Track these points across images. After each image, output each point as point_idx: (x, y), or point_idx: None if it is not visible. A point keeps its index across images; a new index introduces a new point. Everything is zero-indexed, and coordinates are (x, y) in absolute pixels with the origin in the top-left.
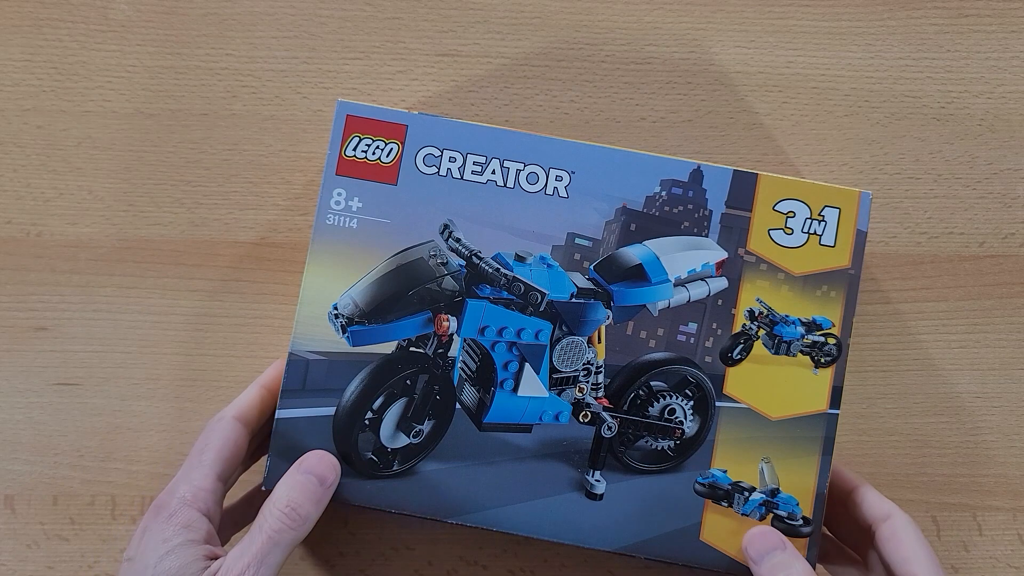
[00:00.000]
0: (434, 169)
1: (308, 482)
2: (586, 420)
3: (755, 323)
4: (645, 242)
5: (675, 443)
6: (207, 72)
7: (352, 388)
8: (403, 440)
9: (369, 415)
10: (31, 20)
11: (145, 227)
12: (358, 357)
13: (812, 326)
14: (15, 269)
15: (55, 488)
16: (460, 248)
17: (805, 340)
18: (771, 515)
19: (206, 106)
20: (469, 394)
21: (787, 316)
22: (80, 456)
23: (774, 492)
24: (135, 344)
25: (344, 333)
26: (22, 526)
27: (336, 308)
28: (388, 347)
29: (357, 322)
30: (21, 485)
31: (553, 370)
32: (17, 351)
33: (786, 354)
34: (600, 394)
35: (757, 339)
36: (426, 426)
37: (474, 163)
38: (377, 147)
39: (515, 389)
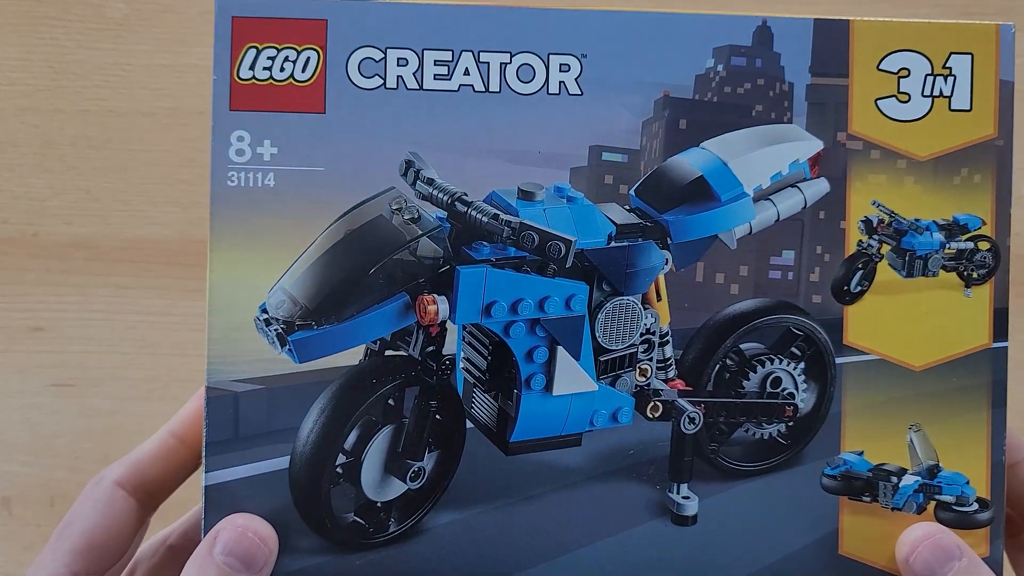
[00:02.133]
0: (376, 80)
1: (225, 571)
2: (656, 415)
3: (875, 237)
4: (703, 144)
5: (787, 425)
6: (204, 71)
7: (309, 425)
8: (397, 487)
9: (342, 459)
10: (28, 18)
11: (142, 227)
12: (311, 377)
13: (954, 229)
14: (11, 269)
15: (52, 490)
16: (434, 193)
17: (948, 251)
18: (933, 504)
19: (203, 104)
20: (483, 405)
21: (917, 220)
22: (77, 458)
23: (933, 471)
24: (133, 345)
25: (284, 346)
26: (18, 528)
27: (265, 310)
28: (353, 355)
29: (300, 326)
30: (17, 487)
31: (599, 350)
32: (13, 352)
33: (923, 274)
34: (672, 374)
35: (880, 260)
36: (428, 461)
37: (436, 62)
38: (286, 59)
39: (549, 387)
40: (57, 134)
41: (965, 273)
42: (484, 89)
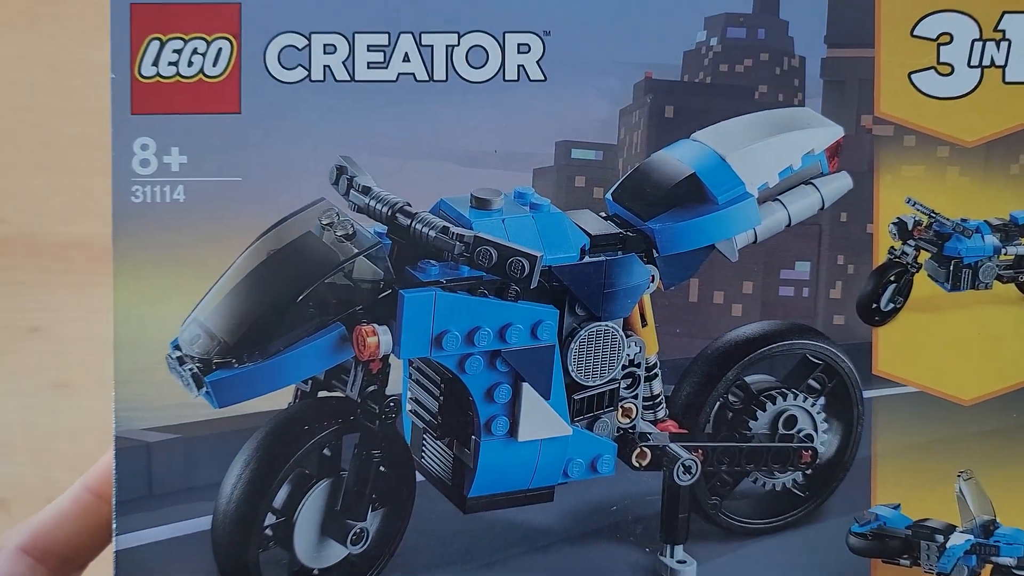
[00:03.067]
0: (300, 72)
1: None
2: (644, 463)
3: (911, 243)
4: (695, 135)
5: (804, 474)
6: None
7: (233, 480)
8: (337, 552)
9: (271, 519)
10: (26, 16)
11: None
12: (233, 424)
13: (1012, 230)
14: (8, 269)
15: (50, 491)
16: (372, 203)
17: (1003, 256)
18: (989, 568)
19: None
20: (435, 454)
21: (964, 221)
22: (75, 459)
23: (988, 527)
24: None
25: (200, 387)
26: None
27: (178, 346)
28: (281, 398)
29: (218, 364)
30: (15, 488)
31: (573, 387)
32: (10, 352)
33: (973, 286)
34: (662, 414)
35: (918, 270)
36: (372, 521)
37: (369, 48)
38: (194, 51)
39: (513, 432)
40: (55, 133)
41: None
42: (428, 78)
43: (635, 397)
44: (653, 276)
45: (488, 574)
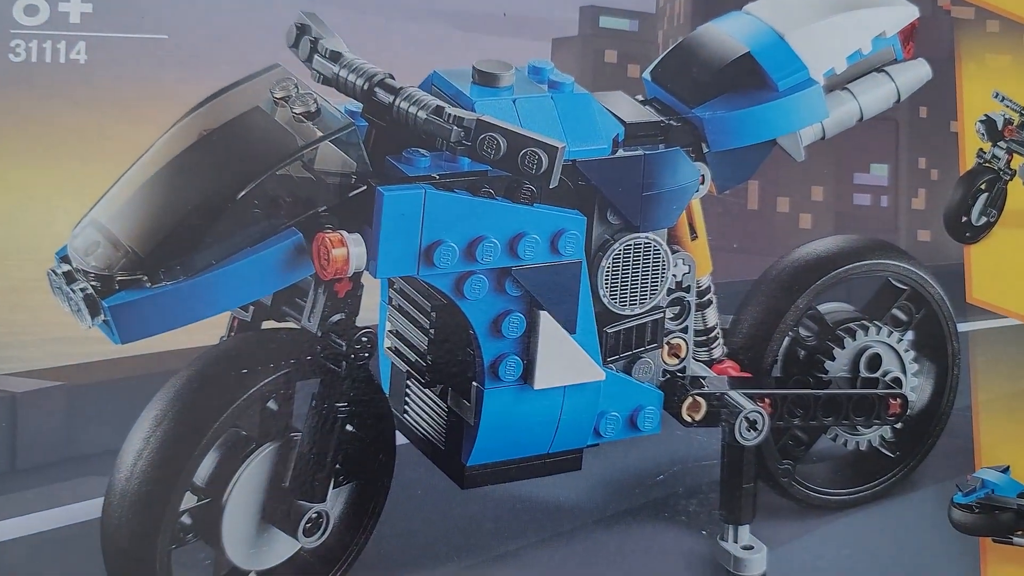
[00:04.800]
0: None
1: None
2: (698, 416)
3: (1002, 144)
4: (748, 7)
5: (893, 428)
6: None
7: (137, 446)
8: (283, 546)
9: (191, 502)
10: None
11: None
12: (140, 368)
13: None
14: None
15: None
16: (343, 74)
17: None
18: None
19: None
20: (423, 408)
21: None
22: None
23: None
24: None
25: (96, 315)
26: None
27: (67, 258)
28: (209, 331)
29: (124, 283)
30: None
31: (606, 317)
32: None
33: None
34: (719, 353)
35: (1012, 177)
36: (335, 502)
37: None
38: None
39: (527, 376)
40: None
41: None
42: None
43: (684, 331)
44: (703, 176)
45: (495, 572)
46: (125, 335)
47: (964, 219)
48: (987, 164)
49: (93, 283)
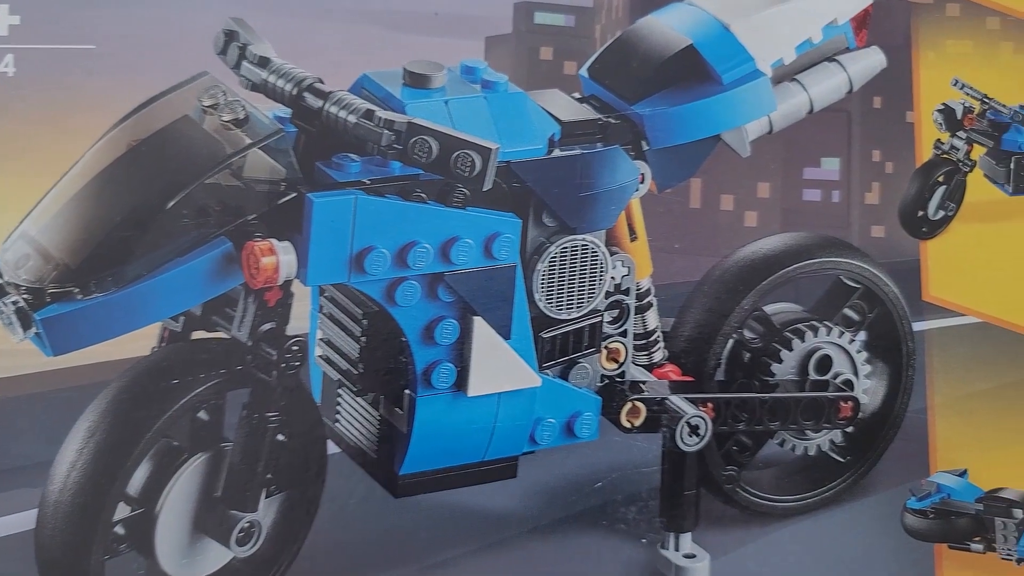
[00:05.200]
0: None
1: None
2: (638, 422)
3: (961, 135)
4: None
5: (844, 432)
6: None
7: (70, 458)
8: (216, 556)
9: (124, 512)
10: None
11: None
12: (72, 379)
13: None
14: None
15: None
16: (271, 79)
17: None
18: None
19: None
20: (355, 417)
21: None
22: None
23: None
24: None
25: (27, 328)
26: None
27: None
28: (141, 342)
29: (55, 295)
30: None
31: (542, 321)
32: None
33: None
34: (660, 357)
35: (972, 169)
36: (265, 512)
37: None
38: None
39: (461, 384)
40: None
41: None
42: None
43: (623, 335)
44: (643, 175)
45: None
46: (57, 347)
47: (920, 213)
48: (945, 155)
49: (24, 296)
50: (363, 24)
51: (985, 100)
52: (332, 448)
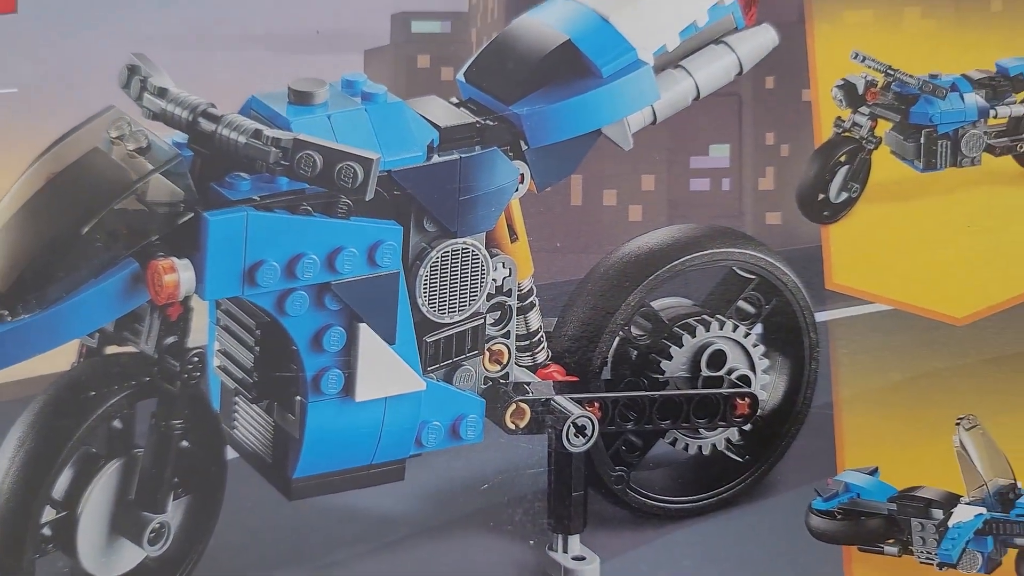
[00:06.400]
0: None
1: None
2: (522, 423)
3: (863, 111)
4: None
5: (741, 430)
6: None
7: (4, 465)
8: (131, 555)
9: (51, 514)
10: None
11: None
12: (6, 393)
13: (1001, 85)
14: None
15: None
16: (169, 107)
17: (993, 120)
18: (1014, 553)
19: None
20: (250, 423)
21: (935, 77)
22: None
23: (1007, 496)
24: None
25: None
26: None
27: None
28: (63, 358)
29: None
30: None
31: (426, 326)
32: None
33: (955, 163)
34: (543, 358)
35: (877, 146)
36: (173, 513)
37: None
38: None
39: (349, 389)
40: None
41: None
42: None
43: (506, 336)
44: (522, 175)
45: None
46: None
47: (821, 196)
48: (847, 133)
49: None
50: (250, 48)
51: (889, 72)
52: (231, 454)
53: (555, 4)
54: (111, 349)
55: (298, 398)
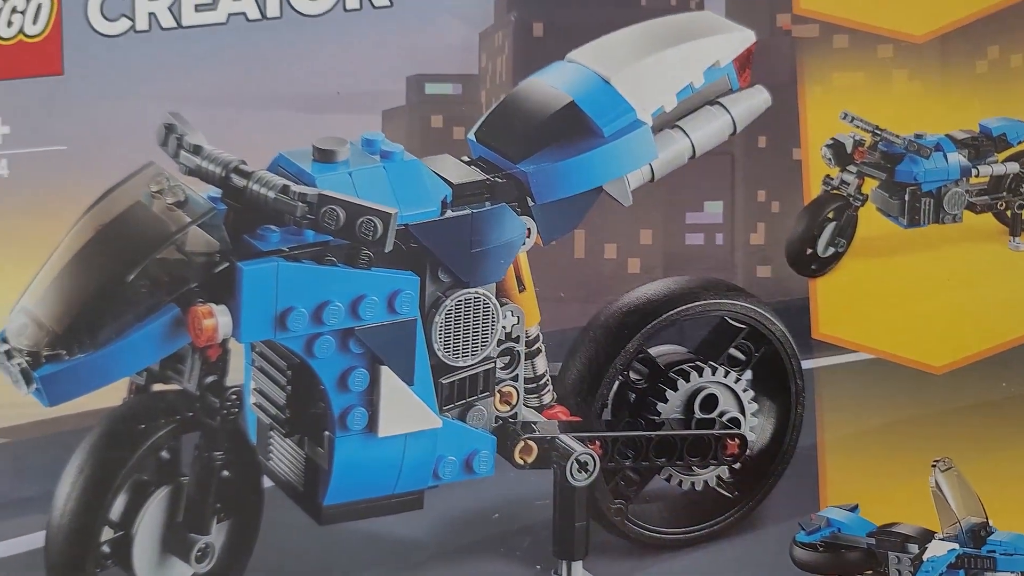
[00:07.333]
0: (124, 23)
1: None
2: (530, 459)
3: (852, 169)
4: (571, 56)
5: (732, 468)
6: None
7: (66, 489)
8: (181, 571)
9: (108, 535)
10: None
11: None
12: (69, 424)
13: (984, 145)
14: None
15: None
16: (203, 164)
17: (975, 179)
18: None
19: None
20: (284, 455)
21: (920, 137)
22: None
23: (979, 532)
24: None
25: (30, 384)
26: None
27: (6, 339)
28: (114, 394)
29: (48, 357)
30: None
31: (441, 369)
32: None
33: (937, 220)
34: (549, 399)
35: (863, 203)
36: (217, 535)
37: None
38: (14, 9)
39: (372, 426)
40: None
41: (1010, 213)
42: (260, 16)
43: (515, 379)
44: (529, 230)
45: None
46: (52, 399)
47: (809, 251)
48: (835, 191)
49: (26, 358)
50: (276, 109)
51: (877, 132)
52: (267, 482)
53: (559, 67)
54: (157, 386)
55: (327, 433)
